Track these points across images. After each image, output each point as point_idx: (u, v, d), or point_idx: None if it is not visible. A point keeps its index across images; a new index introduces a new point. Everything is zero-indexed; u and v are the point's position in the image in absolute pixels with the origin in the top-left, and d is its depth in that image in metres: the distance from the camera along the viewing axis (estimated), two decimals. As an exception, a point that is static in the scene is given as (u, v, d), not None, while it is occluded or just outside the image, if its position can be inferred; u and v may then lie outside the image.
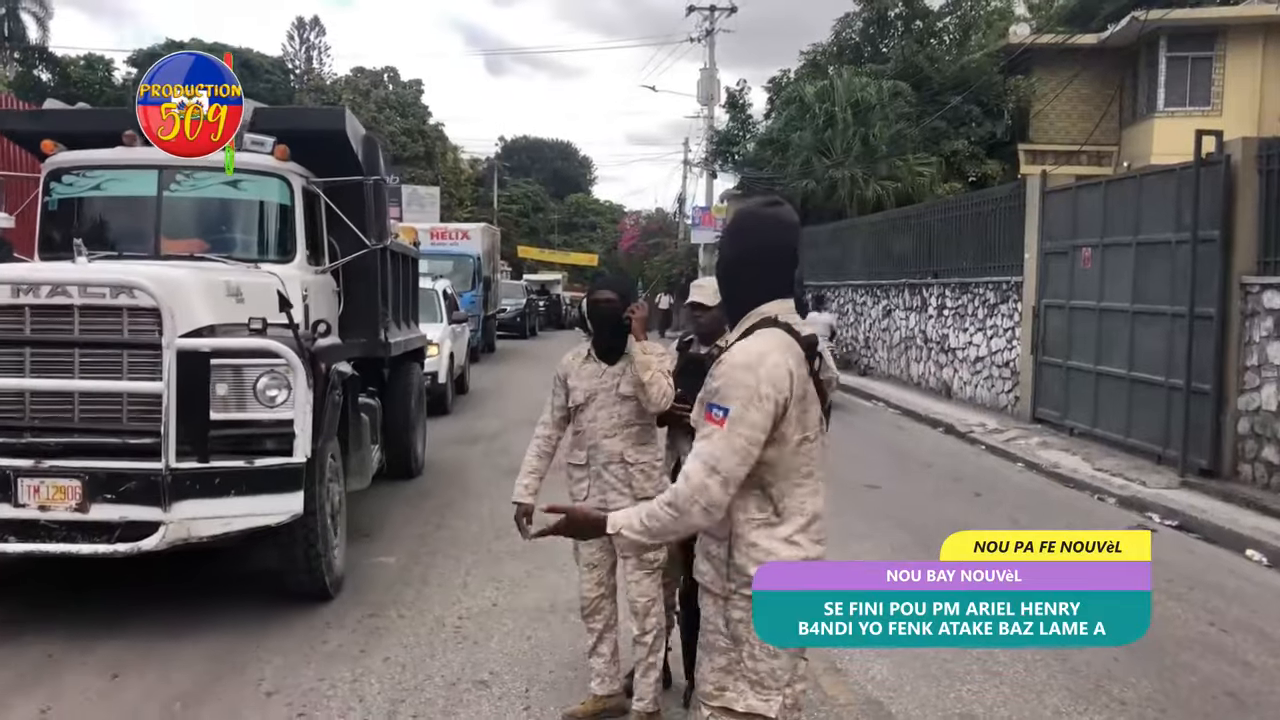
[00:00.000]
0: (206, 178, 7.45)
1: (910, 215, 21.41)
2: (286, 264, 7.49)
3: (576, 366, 4.94)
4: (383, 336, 8.90)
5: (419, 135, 50.17)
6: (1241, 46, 25.14)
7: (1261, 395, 10.20)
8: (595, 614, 4.87)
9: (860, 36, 30.52)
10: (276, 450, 5.84)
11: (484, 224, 33.50)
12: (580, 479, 4.86)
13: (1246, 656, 6.04)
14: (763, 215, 2.91)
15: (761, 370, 2.69)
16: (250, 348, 5.86)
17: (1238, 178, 10.50)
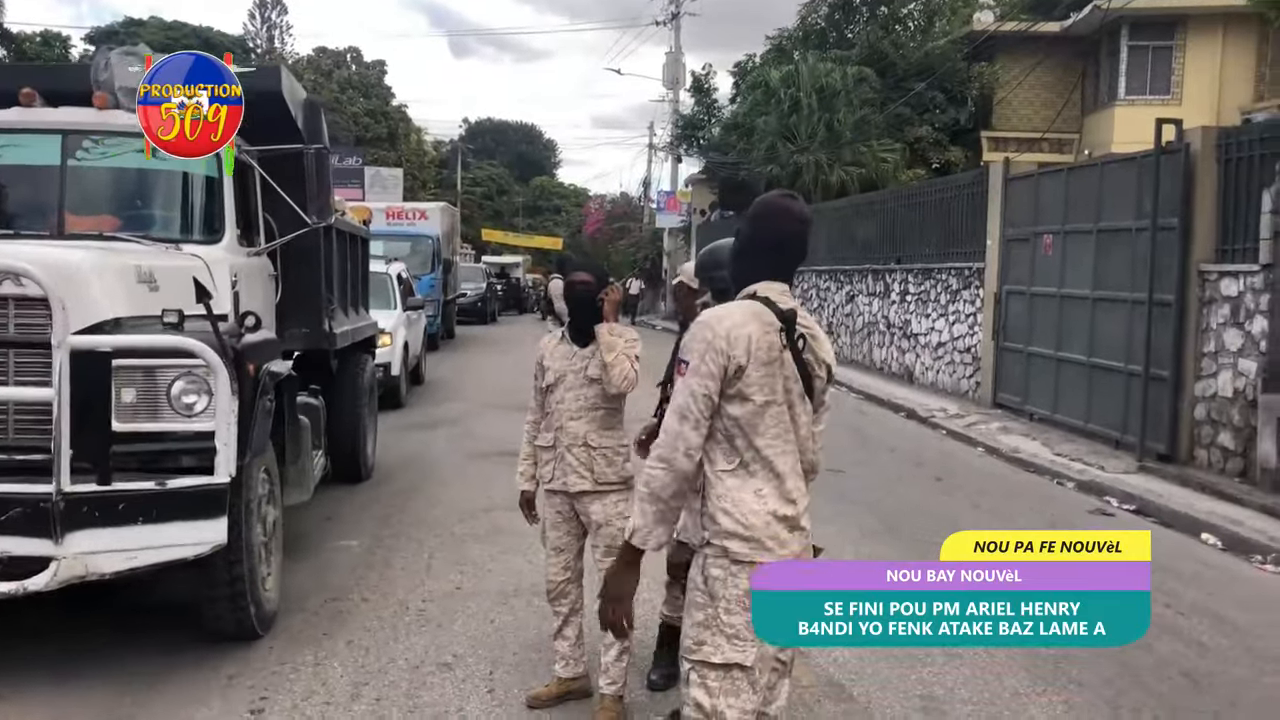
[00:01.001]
0: (120, 144, 6.55)
1: (874, 201, 21.50)
2: (213, 245, 6.56)
3: (551, 348, 4.93)
4: (327, 326, 8.09)
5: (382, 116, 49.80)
6: (1201, 36, 25.42)
7: (1218, 381, 10.34)
8: (561, 598, 4.87)
9: (826, 22, 30.55)
10: (195, 468, 4.97)
11: (443, 203, 31.74)
12: (546, 461, 4.84)
13: (1201, 638, 6.13)
14: (781, 206, 3.21)
15: (719, 328, 3.00)
16: (162, 346, 4.95)
17: (1197, 166, 10.61)
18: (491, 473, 10.07)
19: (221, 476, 4.94)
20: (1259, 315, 9.85)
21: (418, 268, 22.48)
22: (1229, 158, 10.42)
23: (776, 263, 3.18)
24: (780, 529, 3.08)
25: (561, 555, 4.86)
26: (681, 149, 38.02)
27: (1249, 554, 8.09)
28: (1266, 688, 5.46)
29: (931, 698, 5.08)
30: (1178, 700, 5.23)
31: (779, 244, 3.18)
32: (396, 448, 11.34)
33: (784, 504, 3.08)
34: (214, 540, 4.98)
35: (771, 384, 3.04)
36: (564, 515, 4.80)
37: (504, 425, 12.50)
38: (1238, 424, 10.04)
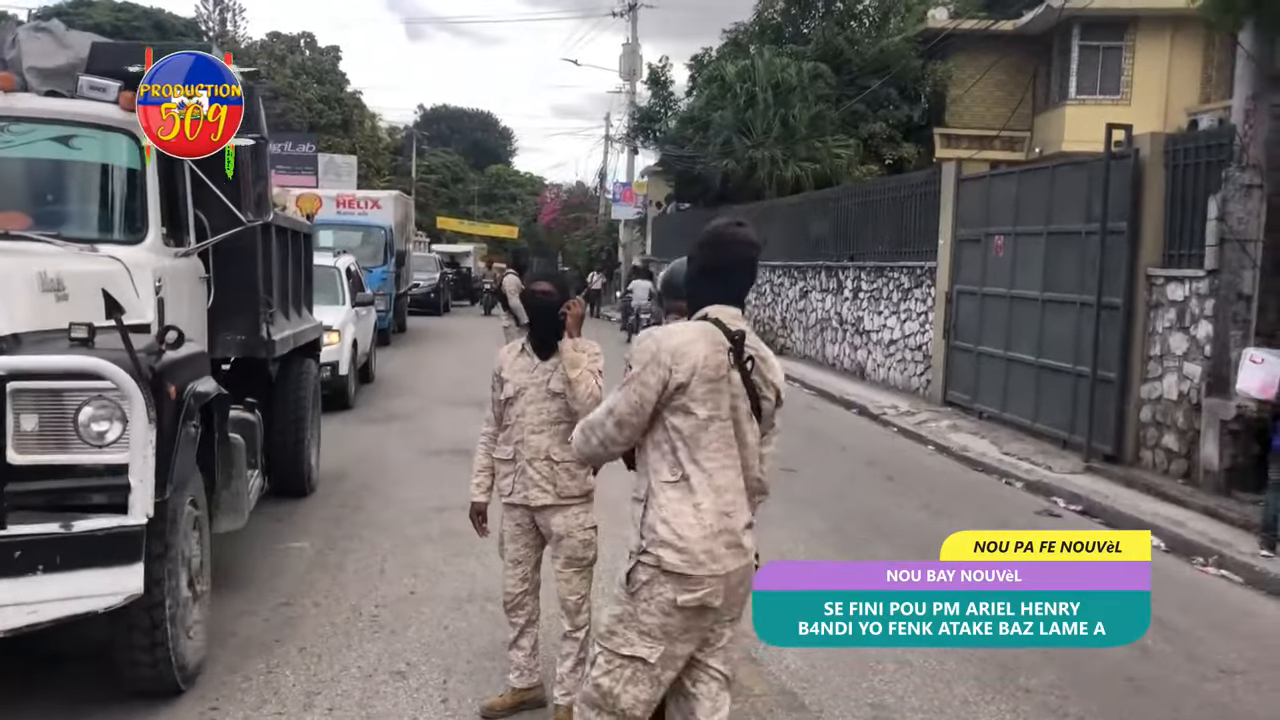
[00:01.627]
0: (28, 132, 5.89)
1: (828, 198, 21.62)
2: (135, 245, 5.86)
3: (510, 360, 4.86)
4: (265, 333, 7.41)
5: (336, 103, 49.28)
6: (1151, 37, 25.75)
7: (1163, 384, 10.52)
8: (518, 609, 4.87)
9: (782, 16, 30.58)
10: (106, 506, 4.39)
11: (396, 192, 30.25)
12: (506, 474, 4.80)
13: (1145, 642, 6.20)
14: (730, 234, 3.38)
15: (666, 343, 3.16)
16: (66, 367, 4.35)
17: (1145, 171, 10.78)
18: (445, 471, 10.05)
19: (137, 516, 4.33)
20: (1204, 320, 10.03)
21: (369, 259, 21.67)
22: (1177, 164, 10.58)
23: (727, 287, 3.33)
24: (716, 545, 3.15)
25: (520, 567, 4.86)
26: (638, 141, 37.94)
27: (1191, 556, 8.25)
28: (1208, 694, 5.58)
29: (882, 706, 5.15)
30: (1122, 706, 5.33)
31: (729, 270, 3.35)
32: (349, 445, 11.27)
33: (721, 518, 3.16)
34: (129, 590, 4.36)
35: (717, 400, 3.17)
36: (523, 528, 4.79)
37: (457, 422, 12.48)
38: (1182, 426, 10.22)
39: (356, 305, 15.08)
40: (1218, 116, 21.14)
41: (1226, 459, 9.52)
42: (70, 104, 5.95)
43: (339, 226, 22.58)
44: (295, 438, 8.60)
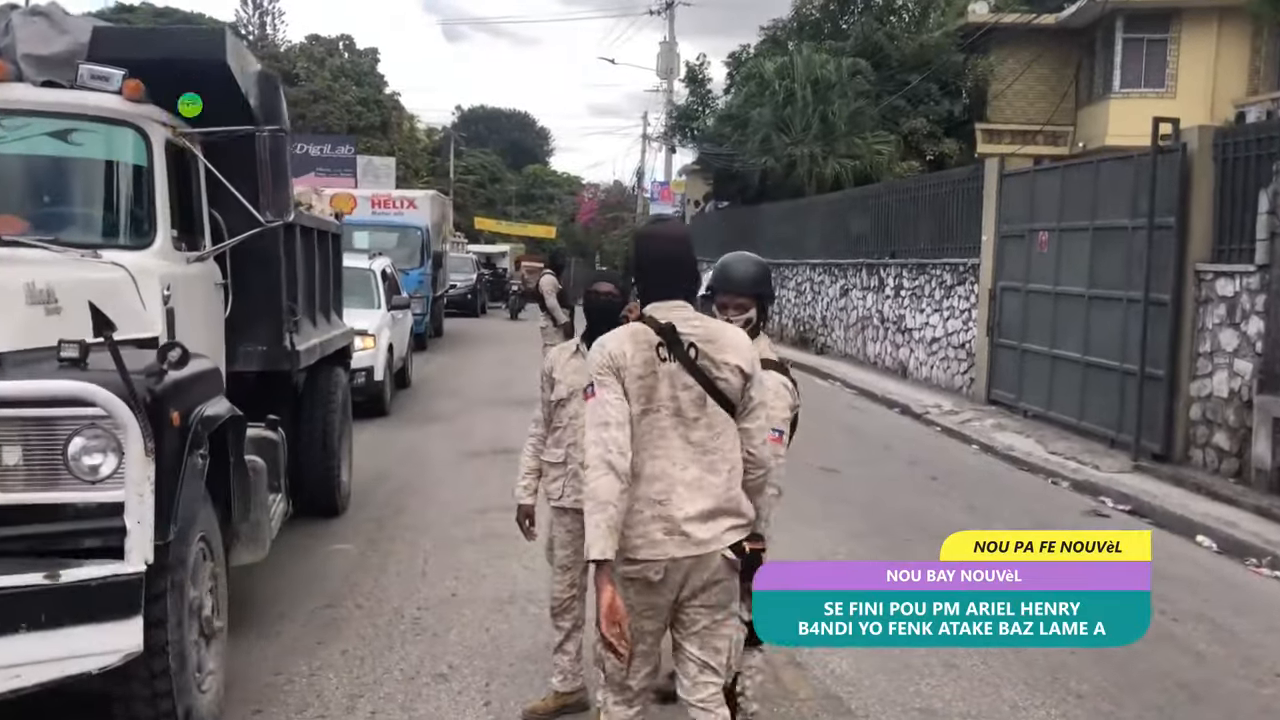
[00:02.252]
0: (23, 126, 5.34)
1: (868, 195, 21.47)
2: (142, 250, 5.32)
3: (563, 361, 4.82)
4: (288, 343, 6.87)
5: (375, 105, 49.56)
6: (1196, 29, 25.40)
7: (1213, 382, 10.34)
8: (565, 613, 4.84)
9: (820, 13, 30.46)
10: (100, 551, 3.87)
11: (433, 191, 29.28)
12: (556, 477, 4.77)
13: (1198, 646, 6.13)
14: (649, 232, 3.74)
15: (606, 349, 3.34)
16: (50, 392, 3.84)
17: (1194, 166, 10.59)
18: (486, 472, 10.06)
19: (135, 563, 3.80)
20: (1255, 316, 9.84)
21: (405, 261, 20.93)
22: (1226, 157, 10.40)
23: (660, 283, 3.47)
24: (652, 530, 3.28)
25: (568, 573, 4.82)
26: (675, 139, 37.89)
27: (1244, 557, 8.09)
28: (1265, 699, 5.46)
29: (930, 710, 5.07)
30: (1175, 713, 5.22)
31: (656, 266, 3.50)
32: (389, 447, 11.31)
33: (652, 505, 3.28)
34: (126, 648, 3.81)
35: (649, 394, 3.31)
36: (574, 533, 4.69)
37: (497, 423, 12.50)
38: (1233, 424, 10.03)
39: (392, 309, 14.66)
40: (1265, 109, 20.83)
41: (1279, 457, 9.34)
42: (69, 95, 5.36)
43: (374, 227, 21.95)
44: (324, 454, 7.99)
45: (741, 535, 3.34)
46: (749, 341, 3.54)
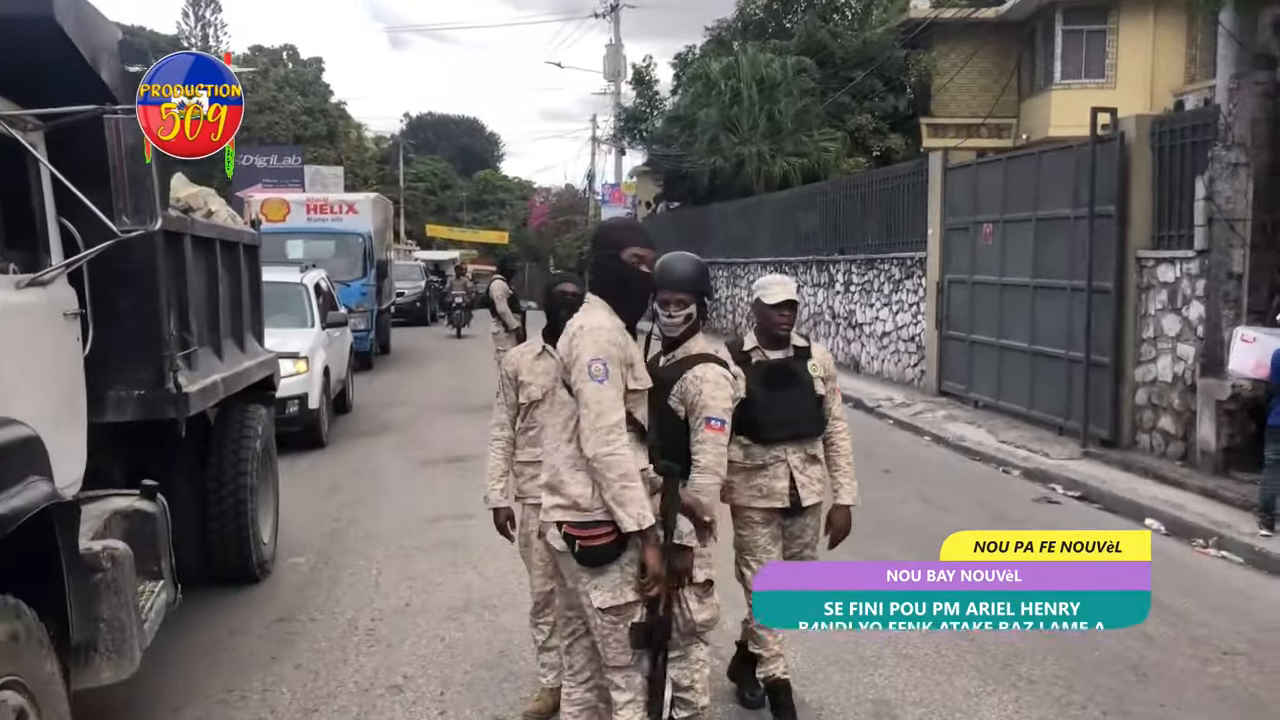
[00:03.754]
0: None
1: (816, 192, 21.58)
2: None
3: (529, 363, 4.83)
4: (172, 384, 5.45)
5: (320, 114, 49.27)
6: (1134, 20, 25.72)
7: (1157, 366, 10.49)
8: (546, 608, 4.74)
9: (764, 12, 30.57)
10: None
11: (374, 194, 26.19)
12: (532, 476, 4.71)
13: (1147, 628, 6.17)
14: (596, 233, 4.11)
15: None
16: None
17: (1132, 154, 10.74)
18: (438, 481, 10.03)
19: None
20: (1195, 301, 10.00)
21: (345, 272, 18.96)
22: (1163, 145, 10.55)
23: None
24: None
25: (547, 565, 4.80)
26: (624, 142, 37.93)
27: (1191, 538, 8.22)
28: (1212, 677, 5.54)
29: (884, 701, 5.10)
30: (1125, 694, 5.29)
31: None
32: (343, 453, 11.23)
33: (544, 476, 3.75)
34: None
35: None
36: None
37: (451, 432, 12.43)
38: (1178, 408, 10.19)
39: (328, 327, 13.30)
40: (1203, 97, 21.14)
41: (1223, 439, 9.49)
42: None
43: (309, 235, 20.22)
44: (235, 514, 6.60)
45: (563, 516, 3.58)
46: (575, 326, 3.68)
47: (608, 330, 3.61)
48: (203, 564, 6.49)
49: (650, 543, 3.49)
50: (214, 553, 6.62)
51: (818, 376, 4.79)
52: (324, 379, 12.26)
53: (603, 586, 3.55)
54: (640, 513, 3.45)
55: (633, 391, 3.64)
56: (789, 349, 4.81)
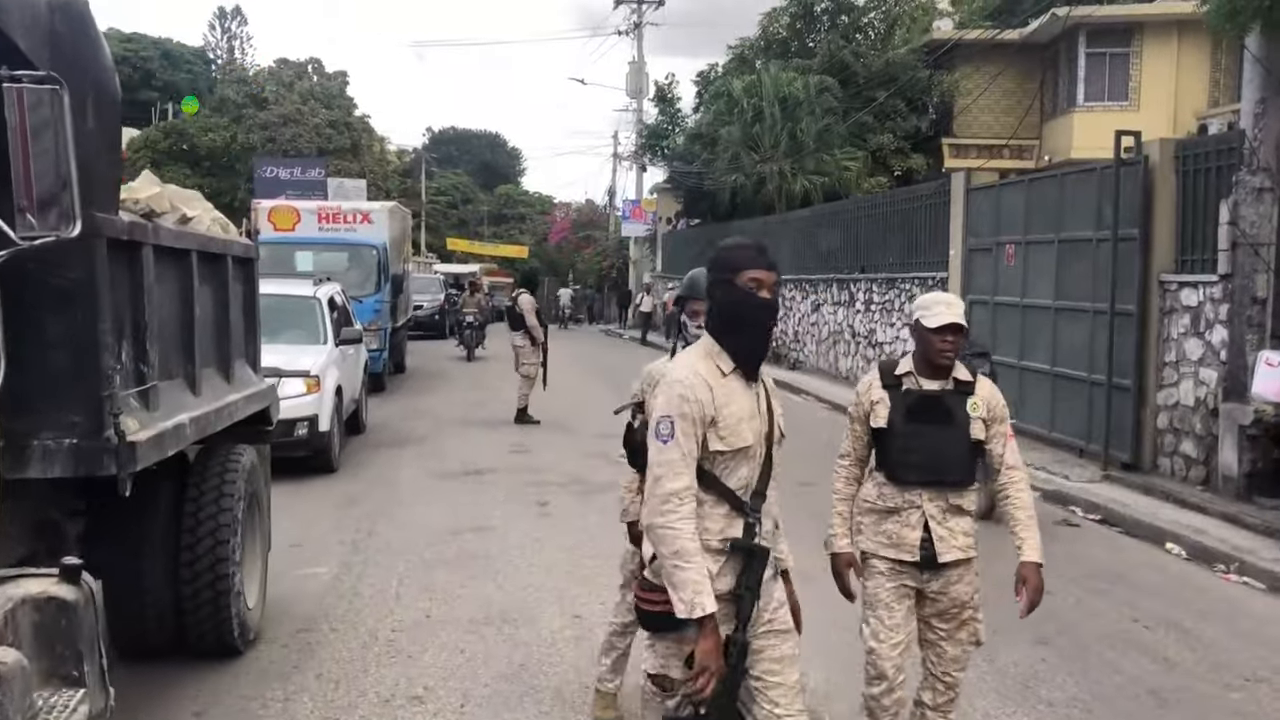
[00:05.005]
0: None
1: (838, 211, 21.62)
2: None
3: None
4: (112, 430, 4.24)
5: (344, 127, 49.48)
6: (1157, 43, 25.73)
7: (1180, 390, 10.45)
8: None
9: (787, 31, 30.68)
10: None
11: (392, 204, 24.50)
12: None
13: (1167, 653, 6.19)
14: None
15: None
16: None
17: (1156, 178, 10.73)
18: (458, 494, 10.08)
19: None
20: (1219, 325, 9.97)
21: (358, 286, 17.50)
22: (1187, 169, 10.54)
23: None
24: None
25: None
26: (646, 158, 38.11)
27: (1212, 563, 8.17)
28: (1233, 703, 5.51)
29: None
30: (1146, 719, 5.27)
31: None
32: (363, 465, 11.28)
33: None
34: None
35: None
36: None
37: (468, 445, 12.46)
38: (1200, 432, 10.14)
39: (341, 343, 12.52)
40: (1226, 120, 21.09)
41: (1246, 464, 9.44)
42: None
43: (321, 246, 18.82)
44: (211, 576, 5.54)
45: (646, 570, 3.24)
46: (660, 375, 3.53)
47: (684, 382, 3.15)
48: (174, 634, 5.55)
49: (706, 633, 3.02)
50: (187, 622, 5.56)
51: (977, 417, 4.12)
52: (336, 399, 11.56)
53: (654, 651, 3.22)
54: (694, 598, 3.00)
55: (720, 453, 3.15)
56: (948, 380, 4.16)
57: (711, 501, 3.15)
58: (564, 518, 9.18)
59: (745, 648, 3.16)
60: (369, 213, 21.34)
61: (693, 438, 3.10)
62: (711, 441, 3.13)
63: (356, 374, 13.51)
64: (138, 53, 56.76)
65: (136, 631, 5.39)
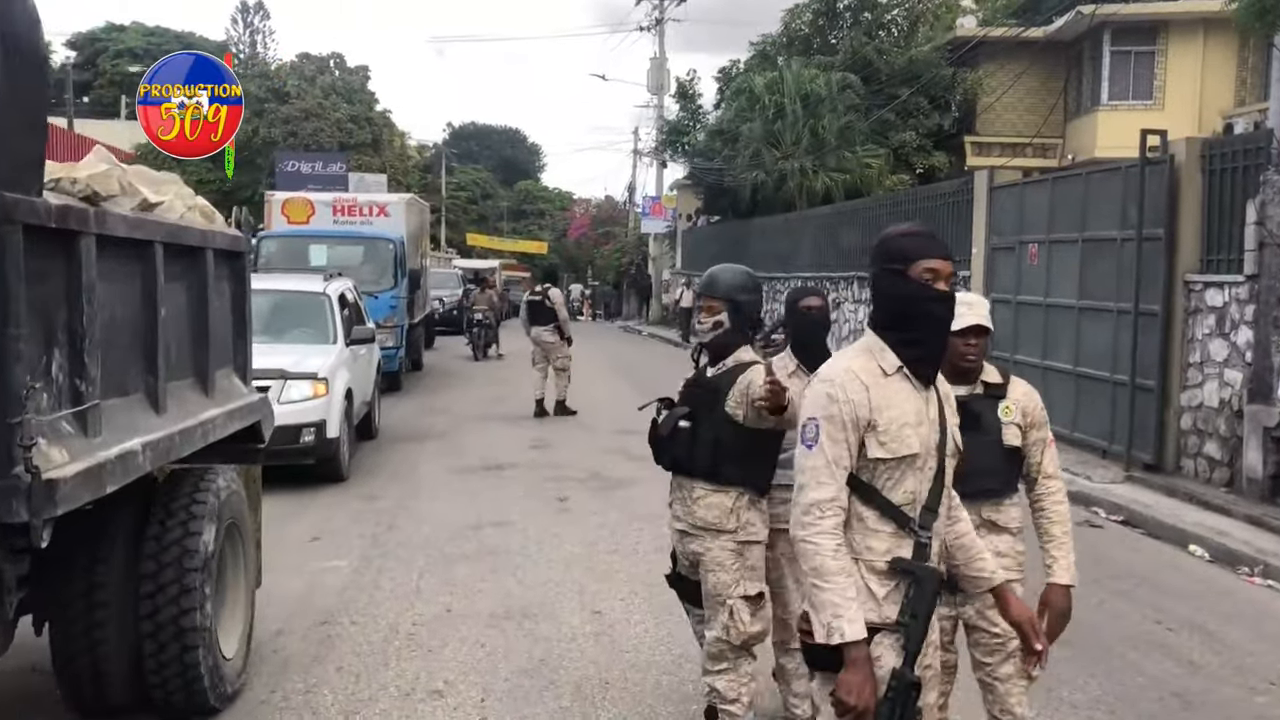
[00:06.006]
0: None
1: (859, 208, 21.55)
2: None
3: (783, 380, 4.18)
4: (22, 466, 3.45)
5: (366, 122, 49.53)
6: (1182, 41, 25.56)
7: (1204, 391, 10.37)
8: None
9: (809, 28, 30.60)
10: None
11: (409, 196, 23.67)
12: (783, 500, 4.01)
13: (1192, 655, 6.14)
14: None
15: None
16: None
17: (1181, 177, 10.65)
18: (478, 488, 10.09)
19: None
20: (1244, 326, 9.88)
21: (373, 281, 16.82)
22: (1213, 168, 10.45)
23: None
24: None
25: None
26: (666, 155, 38.09)
27: (1236, 566, 8.11)
28: (1258, 707, 5.46)
29: (924, 722, 5.06)
30: (1170, 721, 5.24)
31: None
32: (382, 460, 11.31)
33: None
34: None
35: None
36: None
37: (488, 440, 12.46)
38: (1224, 434, 10.07)
39: (353, 343, 11.75)
40: (1253, 120, 20.94)
41: (1270, 466, 9.36)
42: None
43: (336, 240, 18.07)
44: (176, 627, 4.63)
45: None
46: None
47: (834, 381, 2.86)
48: (137, 691, 4.72)
49: (849, 663, 2.65)
50: (150, 678, 4.69)
51: (1010, 423, 3.93)
52: (346, 403, 10.73)
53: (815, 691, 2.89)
54: (832, 622, 2.67)
55: (881, 461, 2.81)
56: (976, 384, 3.96)
57: (874, 517, 2.82)
58: (583, 513, 9.18)
59: (912, 687, 2.72)
60: (385, 205, 20.67)
61: (841, 443, 2.78)
62: (871, 448, 2.79)
63: (369, 375, 12.81)
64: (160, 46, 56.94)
65: (93, 690, 4.62)
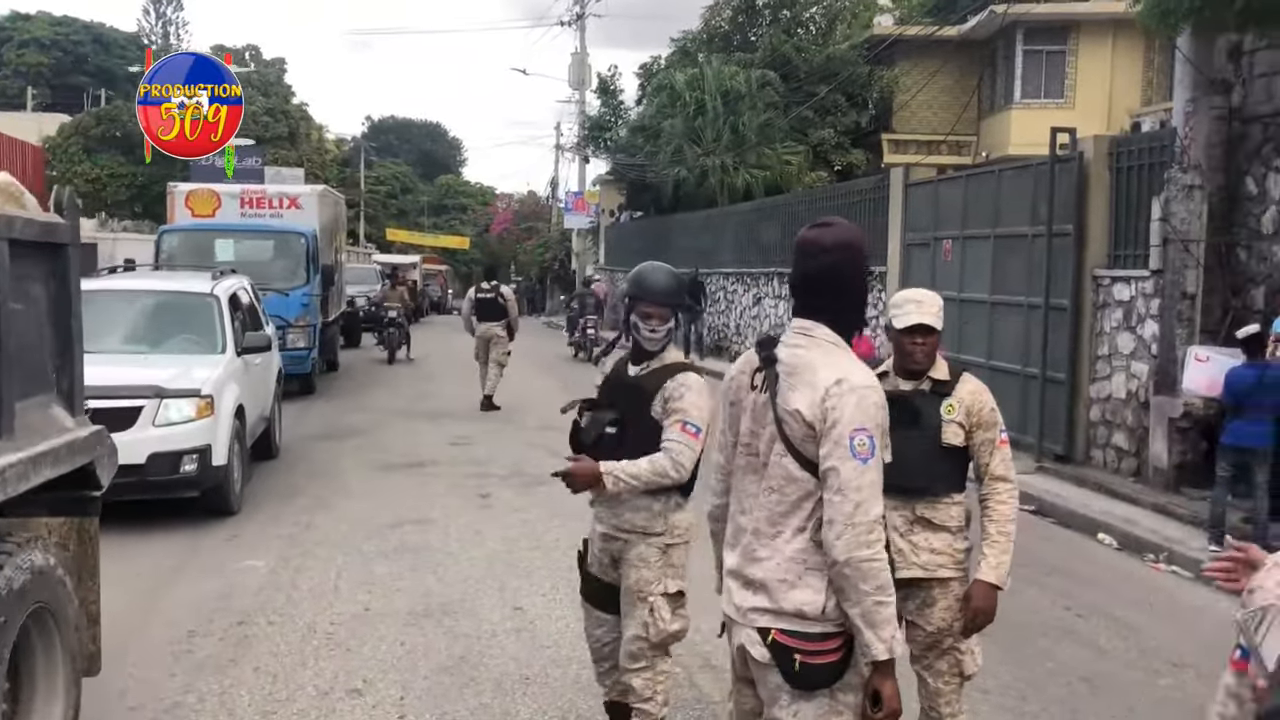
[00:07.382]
0: None
1: (779, 205, 21.74)
2: None
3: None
4: None
5: (282, 115, 48.78)
6: (1092, 41, 26.15)
7: (1112, 384, 10.65)
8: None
9: (729, 25, 30.76)
10: None
11: (322, 187, 21.98)
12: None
13: (1099, 640, 6.32)
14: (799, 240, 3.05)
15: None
16: None
17: (1090, 174, 10.92)
18: (400, 486, 10.01)
19: None
20: (1150, 319, 10.17)
21: (284, 278, 15.95)
22: (1121, 166, 10.73)
23: (796, 298, 3.00)
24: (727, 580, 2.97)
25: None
26: (588, 150, 38.06)
27: (1143, 553, 8.35)
28: (1161, 690, 5.64)
29: (841, 710, 5.14)
30: (1078, 705, 5.38)
31: (794, 280, 3.01)
32: (302, 455, 11.17)
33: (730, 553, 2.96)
34: None
35: (734, 424, 3.01)
36: None
37: (411, 437, 12.34)
38: (1131, 425, 10.35)
39: (246, 352, 10.17)
40: (1159, 119, 21.49)
41: (1175, 456, 9.65)
42: None
43: (243, 233, 17.11)
44: None
45: (773, 623, 2.80)
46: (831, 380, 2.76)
47: (877, 388, 2.79)
48: None
49: (890, 675, 2.72)
50: None
51: (952, 421, 3.85)
52: (236, 422, 9.16)
53: (805, 715, 2.80)
54: (894, 636, 2.71)
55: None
56: (924, 381, 3.92)
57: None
58: (504, 510, 9.16)
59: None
60: (297, 197, 19.11)
61: (884, 458, 2.79)
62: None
63: (266, 387, 11.18)
64: (68, 36, 55.55)
65: None
